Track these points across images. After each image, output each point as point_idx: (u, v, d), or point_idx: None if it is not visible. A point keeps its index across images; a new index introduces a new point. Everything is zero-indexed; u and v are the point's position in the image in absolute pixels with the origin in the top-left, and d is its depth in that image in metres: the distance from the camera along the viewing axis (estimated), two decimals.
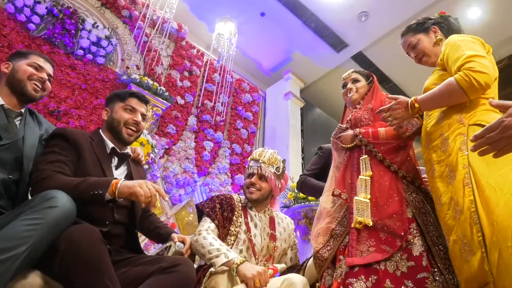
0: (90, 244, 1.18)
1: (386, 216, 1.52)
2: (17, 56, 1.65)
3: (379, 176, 1.65)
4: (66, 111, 3.43)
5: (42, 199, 1.19)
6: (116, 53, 4.18)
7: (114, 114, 1.69)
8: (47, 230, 1.14)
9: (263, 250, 1.89)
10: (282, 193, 4.19)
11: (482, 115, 1.34)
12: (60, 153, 1.48)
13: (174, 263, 1.38)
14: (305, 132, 5.59)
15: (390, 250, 1.44)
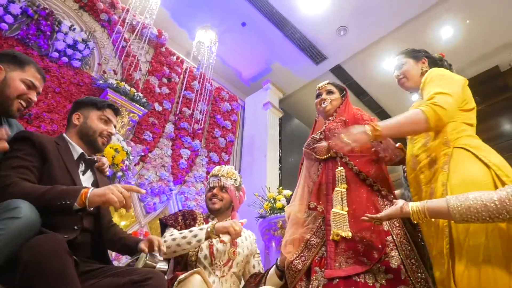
0: (54, 255, 1.13)
1: (363, 228, 1.54)
2: (11, 62, 1.46)
3: (355, 188, 1.68)
4: (38, 115, 3.32)
5: (4, 209, 1.14)
6: (93, 57, 4.09)
7: (89, 122, 1.66)
8: (8, 242, 1.09)
9: (225, 255, 1.95)
10: (259, 204, 4.19)
11: (467, 140, 1.42)
12: (24, 159, 1.41)
13: (146, 276, 1.33)
14: (283, 142, 5.62)
15: (369, 262, 1.46)
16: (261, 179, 4.77)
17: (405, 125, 1.51)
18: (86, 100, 1.73)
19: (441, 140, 1.46)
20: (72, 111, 1.70)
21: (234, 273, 1.98)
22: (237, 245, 2.05)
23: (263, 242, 4.20)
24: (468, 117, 1.51)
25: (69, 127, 1.68)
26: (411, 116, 1.49)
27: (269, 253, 4.16)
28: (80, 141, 1.65)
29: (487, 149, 1.39)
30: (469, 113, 1.52)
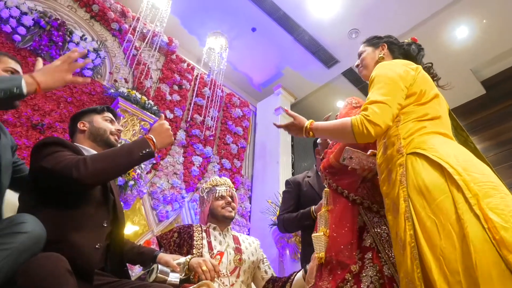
0: (52, 278, 1.06)
1: (338, 249, 1.45)
2: None
3: (335, 207, 1.59)
4: (51, 125, 3.34)
5: (9, 224, 1.11)
6: (105, 66, 4.11)
7: (95, 124, 1.70)
8: (11, 258, 1.05)
9: (231, 264, 1.94)
10: (272, 210, 4.13)
11: (421, 140, 1.29)
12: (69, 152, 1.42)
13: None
14: (295, 147, 5.56)
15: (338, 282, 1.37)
16: (274, 185, 4.71)
17: (335, 133, 1.47)
18: (84, 110, 1.78)
19: (395, 147, 1.32)
20: (75, 122, 1.71)
21: (242, 282, 1.94)
22: (241, 252, 2.03)
23: (277, 250, 4.13)
24: (428, 110, 1.36)
25: (76, 135, 1.68)
26: (341, 124, 1.41)
27: (283, 261, 4.09)
28: (93, 143, 1.66)
29: (446, 146, 1.25)
30: (428, 105, 1.38)
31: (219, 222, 2.11)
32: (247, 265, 2.00)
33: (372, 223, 1.46)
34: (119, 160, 1.35)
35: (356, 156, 1.51)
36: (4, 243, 1.05)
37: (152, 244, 3.67)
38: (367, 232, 1.46)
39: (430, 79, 1.49)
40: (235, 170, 4.95)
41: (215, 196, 2.15)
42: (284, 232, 2.60)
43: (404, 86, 1.39)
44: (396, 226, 1.23)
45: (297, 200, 2.32)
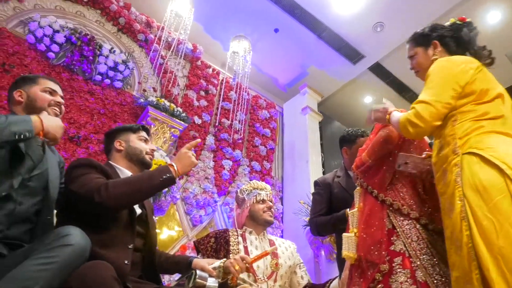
0: (102, 284, 1.14)
1: (368, 248, 1.42)
2: (25, 82, 1.57)
3: (365, 207, 1.56)
4: (86, 136, 3.46)
5: (56, 237, 1.16)
6: (133, 76, 4.23)
7: (132, 144, 1.75)
8: (60, 270, 1.11)
9: (268, 269, 1.94)
10: (304, 211, 4.09)
11: (475, 142, 1.25)
12: (95, 174, 1.49)
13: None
14: (324, 146, 5.50)
15: (367, 282, 1.35)
16: (305, 186, 4.67)
17: (395, 126, 1.46)
18: (120, 128, 1.83)
19: (450, 147, 1.29)
20: (111, 140, 1.77)
21: (280, 286, 1.94)
22: (278, 257, 2.02)
23: (311, 251, 4.09)
24: (489, 109, 1.31)
25: (113, 154, 1.74)
26: (397, 120, 1.42)
27: (318, 262, 4.05)
28: (130, 163, 1.72)
29: (505, 145, 1.22)
30: (490, 104, 1.33)
31: (257, 226, 2.11)
32: (284, 269, 1.99)
33: (402, 227, 1.42)
34: (140, 185, 1.41)
35: (411, 160, 1.49)
36: (53, 256, 1.11)
37: (187, 249, 3.73)
38: (396, 235, 1.41)
39: (493, 77, 1.44)
40: (265, 172, 4.95)
41: (257, 199, 2.15)
42: (317, 235, 2.55)
43: (459, 86, 1.35)
44: (451, 226, 1.21)
45: (328, 202, 2.24)
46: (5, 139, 1.24)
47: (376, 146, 1.59)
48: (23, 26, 3.57)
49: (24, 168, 1.38)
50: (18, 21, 3.56)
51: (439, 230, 1.37)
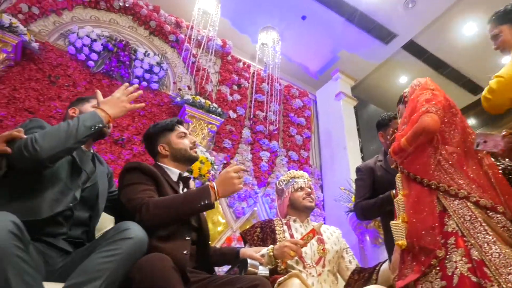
0: (162, 273, 1.21)
1: (419, 234, 1.40)
2: (79, 102, 1.71)
3: (411, 193, 1.53)
4: (129, 138, 3.62)
5: (116, 230, 1.25)
6: (168, 77, 4.36)
7: (175, 145, 1.80)
8: (122, 261, 1.19)
9: (316, 255, 1.95)
10: (345, 197, 4.07)
11: None
12: (145, 183, 1.56)
13: (253, 283, 1.36)
14: (361, 131, 5.41)
15: (422, 268, 1.34)
16: (344, 172, 4.63)
17: None
18: (157, 129, 1.85)
19: None
20: (153, 145, 1.82)
21: (329, 271, 1.95)
22: (324, 242, 2.03)
23: (356, 237, 4.06)
24: None
25: (159, 157, 1.81)
26: None
27: (363, 247, 4.02)
28: (177, 163, 1.80)
29: None
30: None
31: (300, 213, 2.14)
32: (331, 254, 2.00)
33: (453, 207, 1.40)
34: (179, 208, 1.45)
35: (491, 139, 1.46)
36: (115, 248, 1.20)
37: (233, 241, 3.83)
38: (448, 216, 1.39)
39: None
40: (303, 161, 4.96)
41: (295, 187, 2.19)
42: (364, 219, 2.56)
43: None
44: None
45: (372, 186, 2.25)
46: (84, 134, 1.36)
47: (419, 133, 1.54)
48: (63, 38, 3.77)
49: (81, 180, 1.52)
50: (58, 34, 3.76)
51: (491, 206, 1.34)
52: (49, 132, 1.34)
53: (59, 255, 1.37)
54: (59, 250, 1.38)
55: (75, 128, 1.35)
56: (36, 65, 3.44)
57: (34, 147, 1.27)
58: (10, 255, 1.01)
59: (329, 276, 1.94)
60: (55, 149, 1.30)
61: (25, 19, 3.51)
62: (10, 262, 1.00)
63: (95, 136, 1.58)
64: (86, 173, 1.57)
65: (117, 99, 1.49)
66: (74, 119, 1.39)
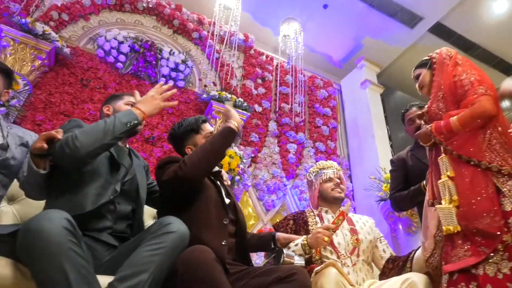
0: (204, 265, 1.26)
1: (476, 217, 1.35)
2: (112, 99, 1.79)
3: (461, 175, 1.47)
4: (159, 136, 3.72)
5: (160, 225, 1.31)
6: (193, 74, 4.43)
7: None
8: (167, 254, 1.25)
9: (349, 245, 1.94)
10: (376, 186, 4.03)
11: None
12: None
13: (291, 272, 1.38)
14: (389, 118, 5.31)
15: (486, 250, 1.29)
16: (373, 161, 4.58)
17: None
18: (183, 130, 1.88)
19: None
20: (180, 145, 1.87)
21: (364, 261, 1.95)
22: (357, 232, 2.02)
23: (388, 226, 4.03)
24: None
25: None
26: None
27: (396, 236, 3.97)
28: None
29: None
30: None
31: (330, 204, 2.14)
32: (365, 244, 1.99)
33: (508, 186, 1.37)
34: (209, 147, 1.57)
35: None
36: (160, 242, 1.26)
37: None
38: (503, 196, 1.36)
39: None
40: (330, 152, 4.93)
41: (323, 178, 2.18)
42: (399, 211, 2.55)
43: None
44: None
45: (405, 177, 2.24)
46: (120, 131, 1.43)
47: (477, 117, 1.48)
48: (92, 42, 3.90)
49: (120, 175, 1.59)
50: (88, 39, 3.89)
51: None
52: (88, 130, 1.40)
53: (105, 249, 1.44)
54: (105, 244, 1.45)
55: (112, 125, 1.41)
56: (69, 70, 3.58)
57: (75, 144, 1.33)
58: (67, 250, 1.07)
59: (364, 266, 1.94)
60: (94, 145, 1.36)
61: (56, 26, 3.65)
62: (67, 256, 1.06)
63: (130, 133, 1.63)
64: (125, 167, 1.63)
65: (151, 98, 1.56)
66: (110, 117, 1.46)
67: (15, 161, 1.58)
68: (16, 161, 1.58)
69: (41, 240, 1.06)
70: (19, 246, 1.13)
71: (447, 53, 1.75)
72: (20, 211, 1.83)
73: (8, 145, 1.57)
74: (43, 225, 1.08)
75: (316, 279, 1.55)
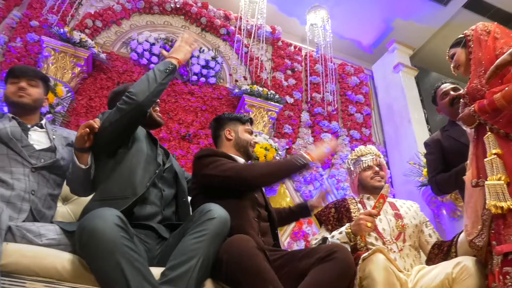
0: (247, 253, 1.30)
1: None
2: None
3: (509, 152, 1.40)
4: (195, 133, 3.80)
5: (201, 213, 1.36)
6: (224, 70, 4.47)
7: (241, 135, 1.94)
8: (211, 240, 1.30)
9: (395, 231, 1.91)
10: (416, 172, 3.93)
11: None
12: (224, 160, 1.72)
13: (331, 251, 1.39)
14: (425, 101, 5.13)
15: None
16: (411, 146, 4.46)
17: None
18: (230, 116, 2.00)
19: None
20: (220, 127, 1.96)
21: (410, 246, 1.91)
22: (402, 217, 1.98)
23: (430, 211, 3.91)
24: None
25: (222, 141, 1.94)
26: None
27: (440, 222, 3.86)
28: (238, 152, 1.91)
29: None
30: None
31: (371, 192, 2.11)
32: (411, 229, 1.95)
33: None
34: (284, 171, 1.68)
35: None
36: (203, 229, 1.31)
37: (303, 224, 3.88)
38: None
39: None
40: (365, 139, 4.84)
41: (362, 166, 2.15)
42: (440, 194, 2.46)
43: None
44: None
45: (442, 158, 2.16)
46: (162, 76, 1.59)
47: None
48: (125, 46, 4.03)
49: (160, 160, 1.70)
50: (121, 43, 4.03)
51: None
52: (136, 83, 1.58)
53: (156, 242, 1.52)
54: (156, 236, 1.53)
55: (153, 74, 1.58)
56: (106, 74, 3.73)
57: (131, 96, 1.50)
58: (120, 246, 1.14)
59: (411, 251, 1.90)
60: (146, 92, 1.52)
61: (91, 33, 3.80)
62: (121, 252, 1.13)
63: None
64: (163, 149, 1.80)
65: (179, 46, 1.73)
66: (150, 70, 1.63)
67: (64, 161, 1.68)
68: (65, 161, 1.68)
69: (96, 238, 1.13)
70: (77, 245, 1.22)
71: (484, 28, 1.67)
72: (73, 210, 1.96)
73: (55, 147, 1.67)
74: (96, 224, 1.15)
75: (364, 266, 1.52)
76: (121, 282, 1.10)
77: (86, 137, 1.48)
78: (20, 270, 1.19)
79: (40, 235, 1.31)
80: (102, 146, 1.55)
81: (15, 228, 1.28)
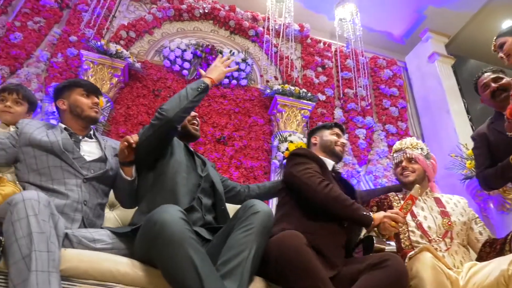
0: (296, 250, 1.30)
1: None
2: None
3: None
4: (230, 135, 3.85)
5: (245, 209, 1.38)
6: (254, 71, 4.50)
7: (324, 138, 2.01)
8: (259, 233, 1.32)
9: (441, 229, 1.85)
10: (458, 164, 3.77)
11: None
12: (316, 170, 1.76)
13: (383, 259, 1.38)
14: (464, 90, 4.91)
15: None
16: (452, 138, 4.29)
17: None
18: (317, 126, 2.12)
19: None
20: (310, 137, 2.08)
21: (459, 244, 1.84)
22: (449, 215, 1.91)
23: (476, 205, 3.75)
24: None
25: (311, 147, 2.04)
26: None
27: (488, 216, 3.69)
28: (324, 153, 1.96)
29: None
30: None
31: (408, 188, 2.05)
32: (458, 227, 1.88)
33: None
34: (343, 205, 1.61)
35: None
36: (249, 224, 1.33)
37: None
38: None
39: None
40: (402, 133, 4.71)
41: (394, 164, 2.15)
42: (489, 190, 2.37)
43: None
44: None
45: (489, 153, 2.06)
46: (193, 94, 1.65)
47: None
48: (158, 54, 4.14)
49: (200, 171, 1.76)
50: (154, 52, 4.15)
51: None
52: (169, 100, 1.65)
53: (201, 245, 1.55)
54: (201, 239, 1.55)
55: (185, 92, 1.66)
56: (141, 83, 3.85)
57: (162, 112, 1.58)
58: (188, 238, 1.19)
59: (460, 248, 1.83)
60: (176, 109, 1.59)
61: (126, 44, 3.94)
62: (189, 243, 1.18)
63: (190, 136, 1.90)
64: (200, 159, 1.86)
65: (215, 67, 1.81)
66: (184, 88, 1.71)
67: (113, 172, 1.74)
68: (113, 172, 1.75)
69: (166, 230, 1.19)
70: (145, 240, 1.29)
71: None
72: (120, 215, 2.03)
73: (106, 157, 1.73)
74: (165, 217, 1.21)
75: (411, 265, 1.50)
76: (191, 271, 1.14)
77: (126, 151, 1.58)
78: (79, 274, 1.26)
79: (95, 240, 1.39)
80: (141, 159, 1.65)
81: (71, 235, 1.36)
